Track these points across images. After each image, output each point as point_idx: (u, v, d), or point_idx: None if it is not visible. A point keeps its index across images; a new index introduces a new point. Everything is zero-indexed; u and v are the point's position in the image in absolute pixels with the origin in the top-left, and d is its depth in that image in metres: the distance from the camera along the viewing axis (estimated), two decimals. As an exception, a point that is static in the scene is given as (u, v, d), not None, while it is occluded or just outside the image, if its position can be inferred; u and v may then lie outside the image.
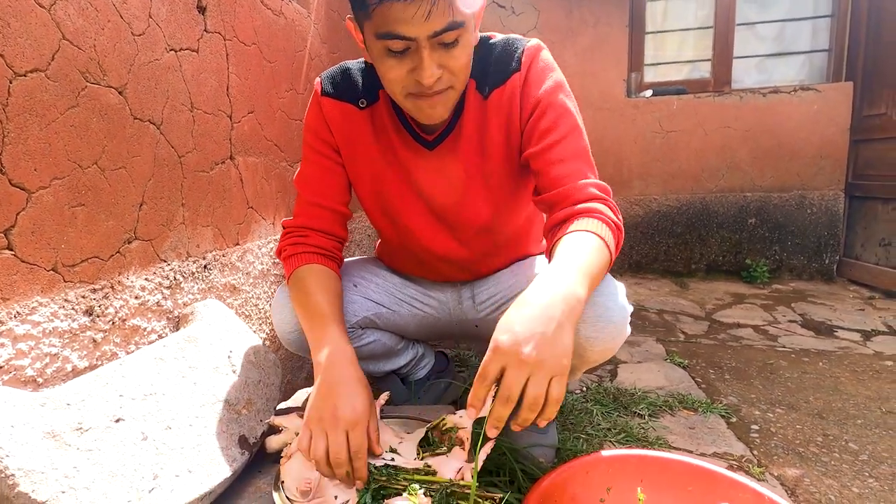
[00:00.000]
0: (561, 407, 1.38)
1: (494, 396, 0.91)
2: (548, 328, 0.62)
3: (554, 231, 0.86)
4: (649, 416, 1.40)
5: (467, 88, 0.90)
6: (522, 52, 0.88)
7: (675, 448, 1.24)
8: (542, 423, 0.64)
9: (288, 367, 1.46)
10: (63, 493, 0.58)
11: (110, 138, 0.85)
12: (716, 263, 3.08)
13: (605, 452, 1.02)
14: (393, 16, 0.70)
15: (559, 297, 0.66)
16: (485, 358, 0.63)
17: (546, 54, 0.90)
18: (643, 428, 1.32)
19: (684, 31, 3.14)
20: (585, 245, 0.76)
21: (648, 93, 3.09)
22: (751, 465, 1.17)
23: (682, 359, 1.82)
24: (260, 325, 1.33)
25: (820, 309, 2.45)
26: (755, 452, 1.23)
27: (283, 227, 1.02)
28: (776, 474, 1.14)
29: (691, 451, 1.23)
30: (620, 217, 0.84)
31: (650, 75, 3.21)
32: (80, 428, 0.64)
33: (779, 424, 1.36)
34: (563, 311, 0.65)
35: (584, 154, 0.88)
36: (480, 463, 0.74)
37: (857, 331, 2.13)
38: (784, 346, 1.97)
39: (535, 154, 0.88)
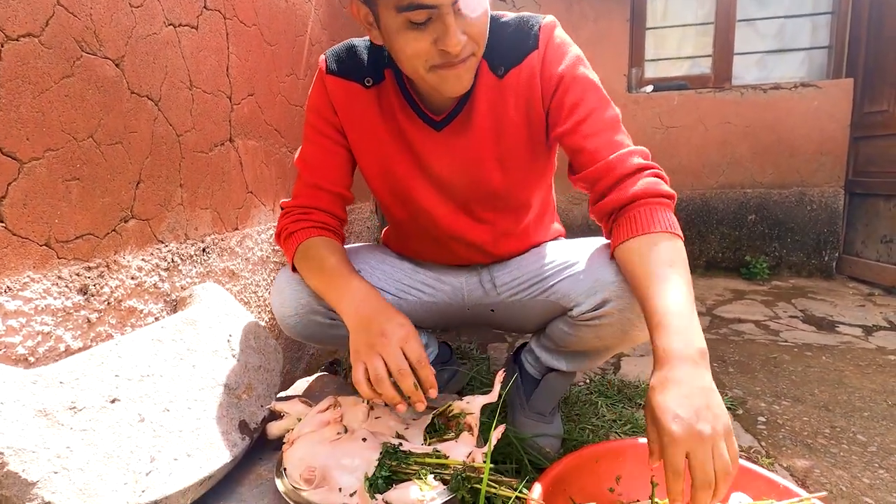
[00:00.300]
0: (565, 398, 1.37)
1: (503, 381, 0.89)
2: (704, 398, 0.63)
3: (613, 218, 0.84)
4: (654, 407, 1.38)
5: (478, 68, 0.88)
6: (539, 29, 0.85)
7: (682, 439, 1.22)
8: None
9: (287, 357, 1.43)
10: (55, 473, 0.55)
11: (107, 111, 0.82)
12: (715, 260, 3.07)
13: (615, 441, 1.00)
14: None
15: (695, 354, 0.66)
16: (665, 452, 0.63)
17: (561, 31, 0.88)
18: (649, 419, 1.30)
19: (685, 27, 3.14)
20: (671, 257, 0.74)
21: (649, 88, 3.07)
22: (759, 456, 1.15)
23: (685, 352, 1.80)
24: (259, 312, 1.30)
25: (820, 305, 2.45)
26: (763, 444, 1.21)
27: (282, 208, 0.99)
28: (786, 465, 1.12)
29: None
30: (666, 177, 0.83)
31: (650, 71, 3.20)
32: (74, 407, 0.61)
33: (785, 416, 1.34)
34: (704, 368, 0.66)
35: (616, 123, 0.86)
36: (493, 444, 0.72)
37: (859, 326, 2.12)
38: (786, 341, 1.96)
39: (566, 131, 0.86)
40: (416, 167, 0.95)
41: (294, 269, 0.96)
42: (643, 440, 0.97)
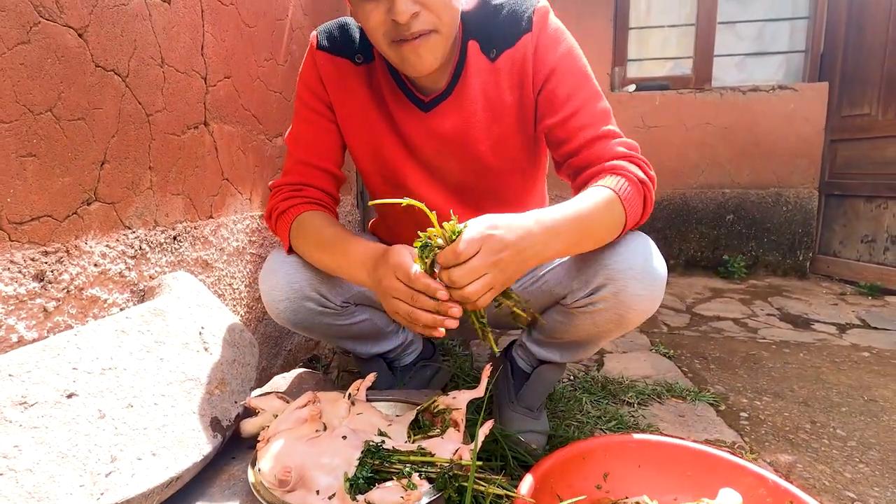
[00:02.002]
0: (550, 395, 1.35)
1: (490, 376, 0.86)
2: (523, 246, 0.68)
3: (578, 191, 0.84)
4: (638, 404, 1.37)
5: (468, 50, 0.85)
6: (533, 12, 0.84)
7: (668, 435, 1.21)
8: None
9: (264, 352, 1.37)
10: (0, 475, 0.49)
11: (68, 84, 0.76)
12: (694, 259, 3.11)
13: (602, 438, 0.98)
14: None
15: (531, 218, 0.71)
16: (467, 238, 0.67)
17: (554, 17, 0.86)
18: (633, 416, 1.29)
19: (667, 28, 3.16)
20: (592, 197, 0.76)
21: (632, 87, 3.09)
22: (743, 452, 1.15)
23: (666, 349, 1.81)
24: (234, 305, 1.24)
25: (796, 303, 2.49)
26: (746, 439, 1.21)
27: (272, 189, 0.96)
28: (769, 460, 1.12)
29: (685, 439, 1.20)
30: (649, 171, 0.83)
31: (633, 71, 3.22)
32: (25, 402, 0.56)
33: (767, 412, 1.35)
34: (533, 225, 0.70)
35: (606, 116, 0.85)
36: (480, 441, 0.69)
37: (833, 324, 2.17)
38: (764, 338, 1.98)
39: (556, 124, 0.85)
40: (405, 149, 0.92)
41: (289, 251, 0.92)
42: (632, 436, 0.96)
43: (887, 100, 2.61)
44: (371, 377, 0.92)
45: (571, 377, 1.53)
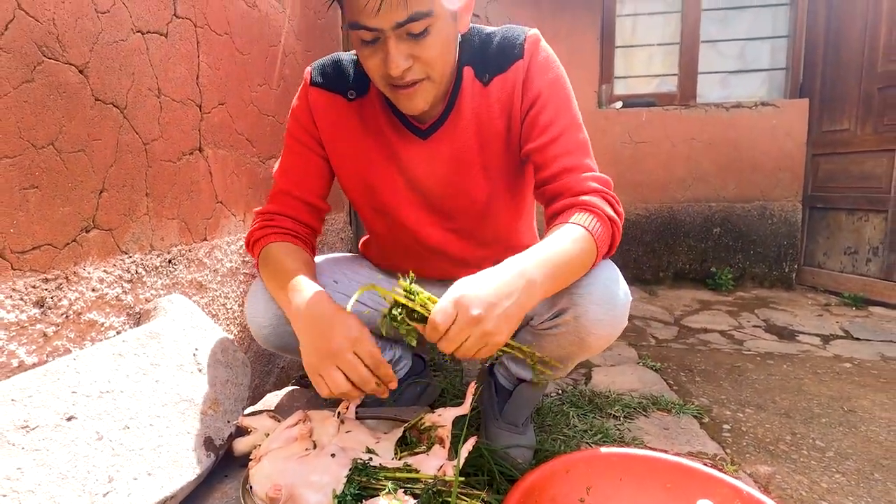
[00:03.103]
0: (538, 409, 1.38)
1: (475, 393, 0.90)
2: (499, 300, 0.69)
3: (550, 223, 0.87)
4: (624, 417, 1.40)
5: (463, 76, 0.90)
6: (525, 39, 0.88)
7: (650, 448, 1.24)
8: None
9: (257, 370, 1.40)
10: (3, 496, 0.52)
11: (69, 118, 0.80)
12: (682, 271, 3.16)
13: (585, 451, 1.01)
14: (354, 6, 0.71)
15: (516, 271, 0.71)
16: (439, 309, 0.68)
17: (546, 44, 0.90)
18: (619, 429, 1.32)
19: (652, 47, 3.25)
20: (565, 237, 0.78)
21: (618, 104, 3.16)
22: (724, 464, 1.18)
23: (653, 362, 1.84)
24: (228, 325, 1.27)
25: (781, 315, 2.54)
26: (728, 451, 1.24)
27: (254, 216, 0.99)
28: (749, 472, 1.15)
29: (667, 451, 1.23)
30: (619, 208, 0.86)
31: (620, 88, 3.29)
32: (27, 426, 0.58)
33: (749, 424, 1.38)
34: (518, 279, 0.70)
35: (585, 147, 0.88)
36: (463, 459, 0.72)
37: (817, 335, 2.21)
38: (750, 350, 2.02)
39: (536, 149, 0.88)
40: (401, 178, 0.96)
41: None
42: (614, 450, 0.99)
43: (865, 116, 2.69)
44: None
45: (559, 391, 1.56)
